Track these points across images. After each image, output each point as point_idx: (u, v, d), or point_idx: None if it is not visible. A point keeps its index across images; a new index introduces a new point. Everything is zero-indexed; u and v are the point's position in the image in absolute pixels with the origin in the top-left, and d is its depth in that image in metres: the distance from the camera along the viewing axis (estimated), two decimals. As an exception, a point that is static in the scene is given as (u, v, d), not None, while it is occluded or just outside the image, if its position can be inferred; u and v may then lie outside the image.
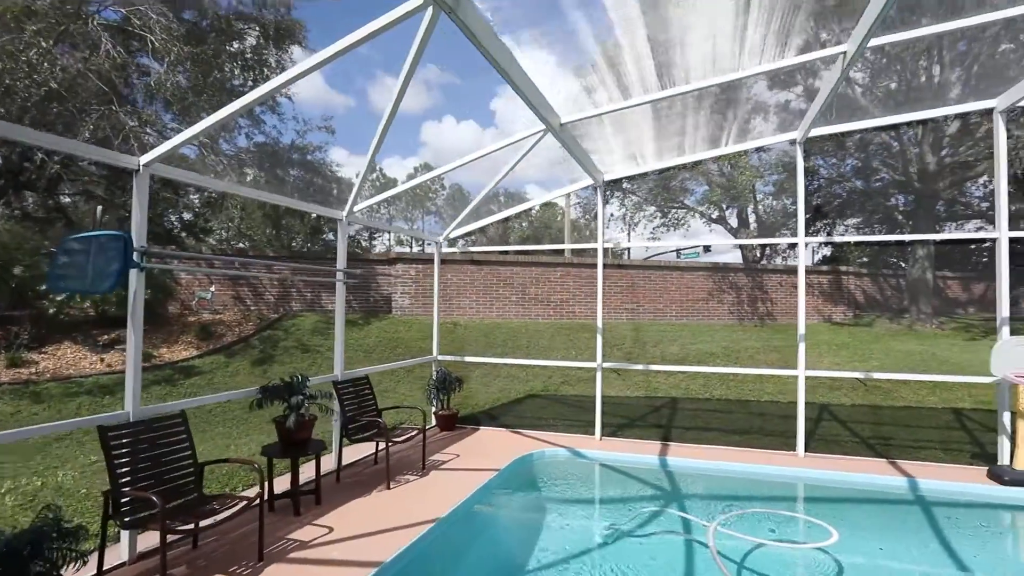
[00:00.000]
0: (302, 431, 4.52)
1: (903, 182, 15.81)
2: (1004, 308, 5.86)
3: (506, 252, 15.01)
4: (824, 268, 17.20)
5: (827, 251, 22.27)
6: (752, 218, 20.71)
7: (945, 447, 6.81)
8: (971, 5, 4.65)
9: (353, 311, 13.34)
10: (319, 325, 12.25)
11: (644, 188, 20.85)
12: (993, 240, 6.05)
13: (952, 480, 5.47)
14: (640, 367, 10.37)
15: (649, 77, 4.86)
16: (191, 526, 3.31)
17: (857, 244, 19.63)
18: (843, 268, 17.06)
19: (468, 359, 8.57)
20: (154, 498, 3.12)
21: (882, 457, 6.25)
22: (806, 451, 6.37)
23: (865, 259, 19.69)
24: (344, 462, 5.71)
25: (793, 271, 16.71)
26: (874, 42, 4.33)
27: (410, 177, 43.68)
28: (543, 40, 4.41)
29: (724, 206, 19.52)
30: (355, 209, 5.69)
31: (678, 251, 28.03)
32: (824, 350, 12.53)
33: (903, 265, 20.12)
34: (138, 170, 3.77)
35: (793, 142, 6.53)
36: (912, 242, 15.66)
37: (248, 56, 14.17)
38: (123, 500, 3.30)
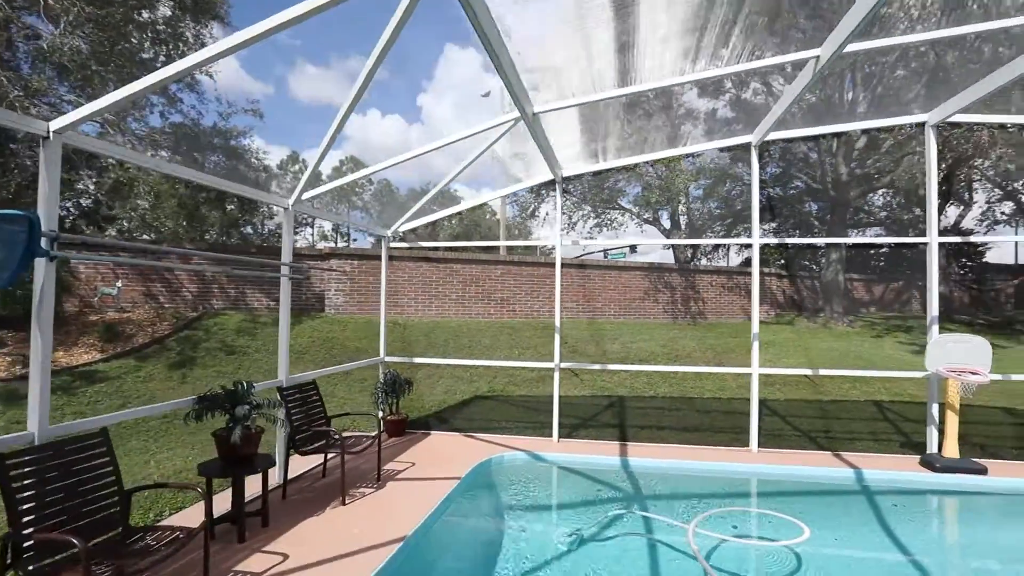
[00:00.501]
0: (249, 445, 3.98)
1: (819, 190, 16.96)
2: (934, 308, 6.25)
3: (456, 248, 14.58)
4: (748, 269, 18.12)
5: (747, 253, 23.53)
6: (683, 220, 21.47)
7: (875, 438, 7.23)
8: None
9: (282, 309, 12.40)
10: (245, 325, 11.25)
11: (579, 188, 21.08)
12: (916, 244, 6.42)
13: (891, 469, 5.75)
14: (598, 367, 10.35)
15: (608, 74, 4.72)
16: (118, 568, 2.74)
17: (776, 247, 20.87)
18: (766, 270, 18.07)
19: (419, 360, 8.12)
20: (74, 540, 2.53)
21: (827, 450, 6.50)
22: (759, 447, 6.51)
23: (782, 261, 20.97)
24: (288, 476, 5.15)
25: (721, 272, 17.48)
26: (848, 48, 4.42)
27: (336, 171, 41.82)
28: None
29: (657, 208, 20.08)
30: (304, 197, 5.13)
31: (605, 251, 28.69)
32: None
33: (814, 268, 21.67)
34: (47, 137, 3.11)
35: (748, 145, 6.66)
36: (826, 247, 16.83)
37: (161, 28, 12.79)
38: (27, 544, 2.67)
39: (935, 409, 6.13)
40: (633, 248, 28.04)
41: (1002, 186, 20.22)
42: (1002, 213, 21.39)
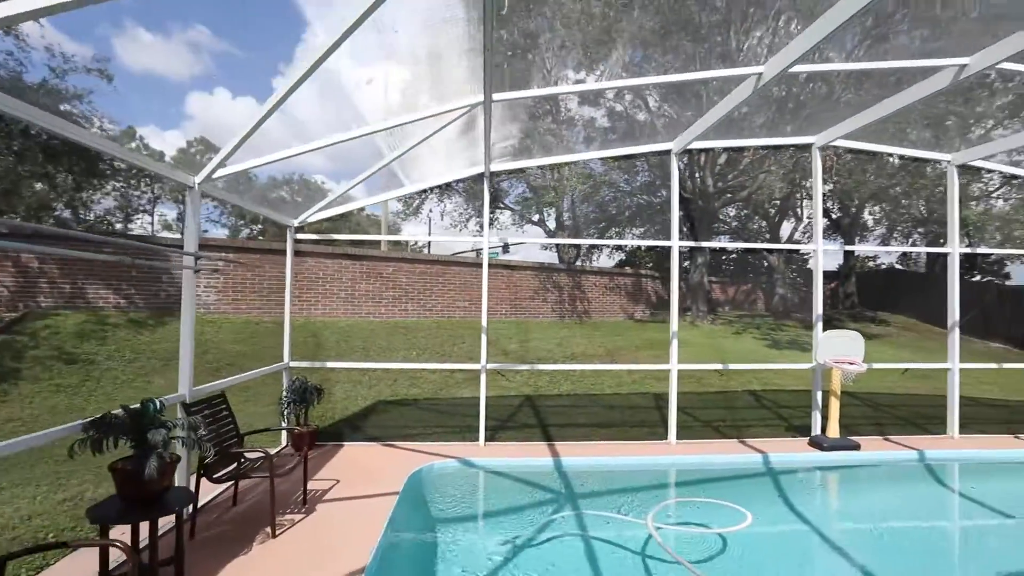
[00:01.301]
0: (165, 479, 3.19)
1: (688, 199, 18.62)
2: (819, 307, 7.09)
3: (361, 241, 13.53)
4: (628, 271, 19.34)
5: (622, 255, 25.17)
6: (568, 221, 22.28)
7: (764, 423, 8.02)
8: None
9: (136, 308, 10.54)
10: (88, 327, 9.33)
11: (460, 186, 20.90)
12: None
13: (788, 452, 6.39)
14: (525, 367, 10.21)
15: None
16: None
17: (647, 250, 22.53)
18: (642, 271, 19.42)
19: (331, 365, 7.32)
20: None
21: (732, 438, 7.04)
22: (677, 439, 6.84)
23: (650, 264, 22.71)
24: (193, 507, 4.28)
25: (603, 273, 18.41)
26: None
27: (182, 152, 36.88)
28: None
29: (544, 208, 20.61)
30: (217, 176, 4.30)
31: (477, 251, 28.95)
32: (641, 344, 13.98)
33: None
34: None
35: (669, 152, 6.98)
36: (692, 251, 18.55)
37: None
38: None
39: (819, 396, 6.94)
40: (505, 248, 28.63)
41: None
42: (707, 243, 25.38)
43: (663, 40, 12.78)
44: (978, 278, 20.52)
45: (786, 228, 21.39)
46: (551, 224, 21.60)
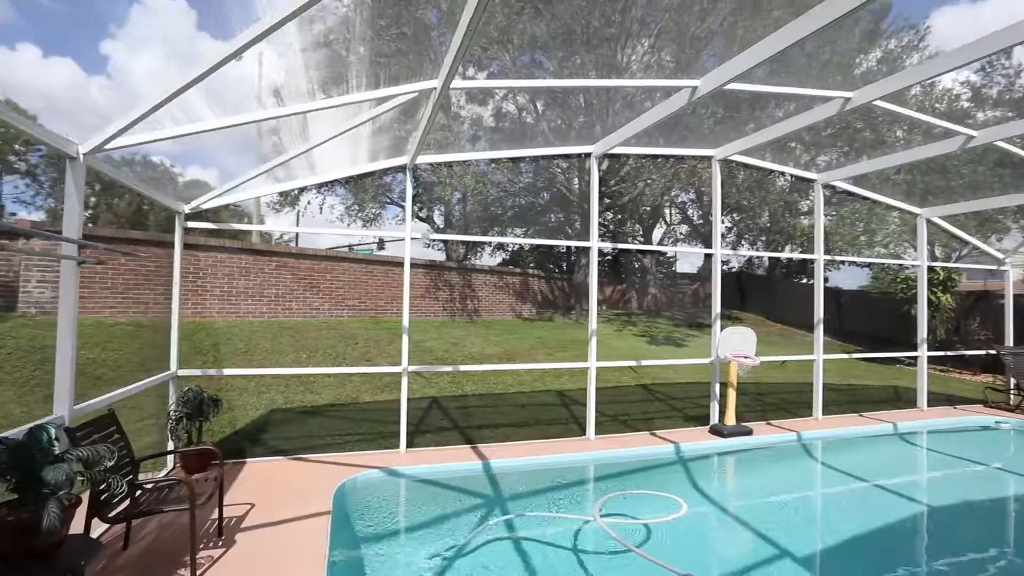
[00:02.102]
0: (64, 528, 2.53)
1: (574, 202, 19.44)
2: (717, 306, 7.72)
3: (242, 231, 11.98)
4: (517, 270, 19.64)
5: (505, 255, 25.52)
6: (458, 219, 22.04)
7: (663, 416, 8.58)
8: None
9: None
10: None
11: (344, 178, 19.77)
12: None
13: (694, 440, 6.88)
14: (449, 368, 9.77)
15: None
16: None
17: (531, 250, 23.09)
18: (531, 270, 19.84)
19: (233, 372, 6.37)
20: None
21: (643, 431, 7.42)
22: (595, 435, 7.03)
23: (532, 264, 23.33)
24: (72, 558, 3.47)
25: (493, 272, 18.50)
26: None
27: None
28: None
29: (431, 205, 20.19)
30: (110, 145, 3.52)
31: (350, 246, 27.72)
32: (535, 343, 14.25)
33: (557, 270, 24.71)
34: None
35: (588, 155, 7.14)
36: (578, 252, 19.37)
37: None
38: None
39: (717, 388, 7.57)
40: (381, 245, 27.69)
41: (683, 211, 26.36)
42: (680, 233, 27.88)
43: (565, 46, 13.17)
44: (805, 281, 24.01)
45: (657, 233, 23.27)
46: (439, 222, 21.26)
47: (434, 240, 20.45)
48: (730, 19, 14.07)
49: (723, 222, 25.68)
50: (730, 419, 7.23)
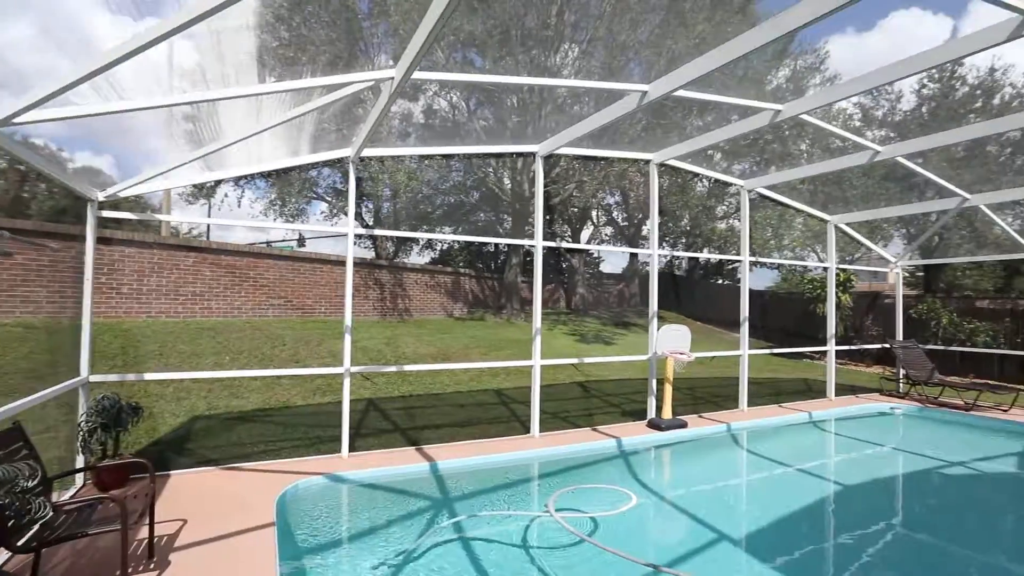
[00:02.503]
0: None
1: (506, 201, 19.51)
2: (654, 305, 8.01)
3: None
4: (449, 269, 19.43)
5: (434, 254, 25.17)
6: (388, 216, 21.46)
7: (602, 412, 8.81)
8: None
9: None
10: None
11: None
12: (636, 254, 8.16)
13: (634, 435, 7.11)
14: (394, 368, 9.37)
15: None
16: None
17: (460, 250, 22.93)
18: (462, 269, 19.70)
19: (154, 376, 5.76)
20: None
21: (585, 427, 7.56)
22: (540, 432, 7.08)
23: (462, 263, 23.20)
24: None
25: (424, 271, 18.22)
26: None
27: None
28: None
29: (360, 201, 19.54)
30: (22, 120, 3.10)
31: (268, 243, 26.38)
32: (469, 342, 14.16)
33: (487, 269, 24.72)
34: None
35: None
36: (508, 251, 19.46)
37: None
38: None
39: (654, 384, 7.87)
40: (301, 242, 26.56)
41: (608, 213, 27.23)
42: (606, 235, 28.78)
43: (501, 45, 13.19)
44: (721, 282, 25.59)
45: (584, 234, 23.89)
46: (368, 219, 20.62)
47: (379, 236, 19.82)
48: (658, 31, 14.71)
49: (646, 224, 26.82)
50: (667, 413, 7.54)
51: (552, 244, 6.92)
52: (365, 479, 5.46)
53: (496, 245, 27.31)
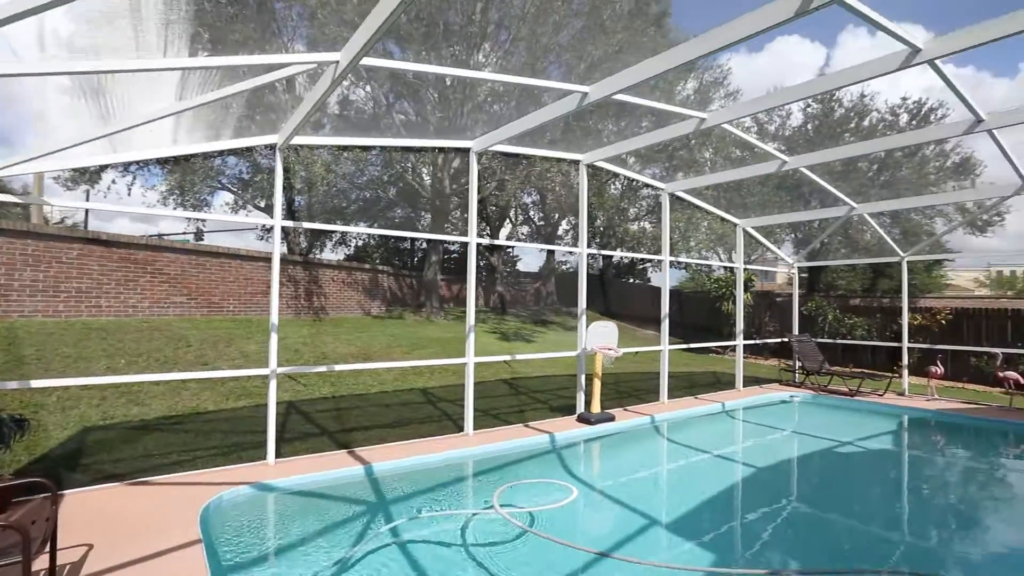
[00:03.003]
0: None
1: (425, 197, 19.17)
2: (582, 302, 8.22)
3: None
4: (366, 266, 18.79)
5: (348, 250, 24.25)
6: (301, 209, 20.32)
7: (531, 408, 8.91)
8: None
9: None
10: None
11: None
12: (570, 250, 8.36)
13: (566, 429, 7.27)
14: (324, 368, 8.76)
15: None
16: None
17: (376, 246, 22.27)
18: (379, 267, 19.12)
19: (40, 383, 4.98)
20: None
21: (517, 423, 7.61)
22: (474, 430, 7.03)
23: (378, 259, 22.57)
24: None
25: (341, 267, 17.51)
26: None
27: None
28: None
29: (270, 192, 18.39)
30: None
31: (160, 235, 24.29)
32: (390, 341, 13.79)
33: (404, 267, 24.20)
34: None
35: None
36: (427, 248, 19.16)
37: None
38: None
39: (583, 379, 8.07)
40: (199, 235, 24.68)
41: (525, 212, 27.63)
42: (522, 233, 29.20)
43: (425, 39, 12.94)
44: (632, 281, 26.81)
45: (503, 233, 24.04)
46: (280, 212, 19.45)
47: (294, 229, 18.64)
48: (579, 36, 15.13)
49: (563, 224, 27.54)
50: (596, 407, 7.77)
51: (486, 240, 6.84)
52: (296, 486, 5.15)
53: (413, 242, 26.83)
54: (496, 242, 12.58)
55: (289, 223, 6.23)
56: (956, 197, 13.43)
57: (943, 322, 13.73)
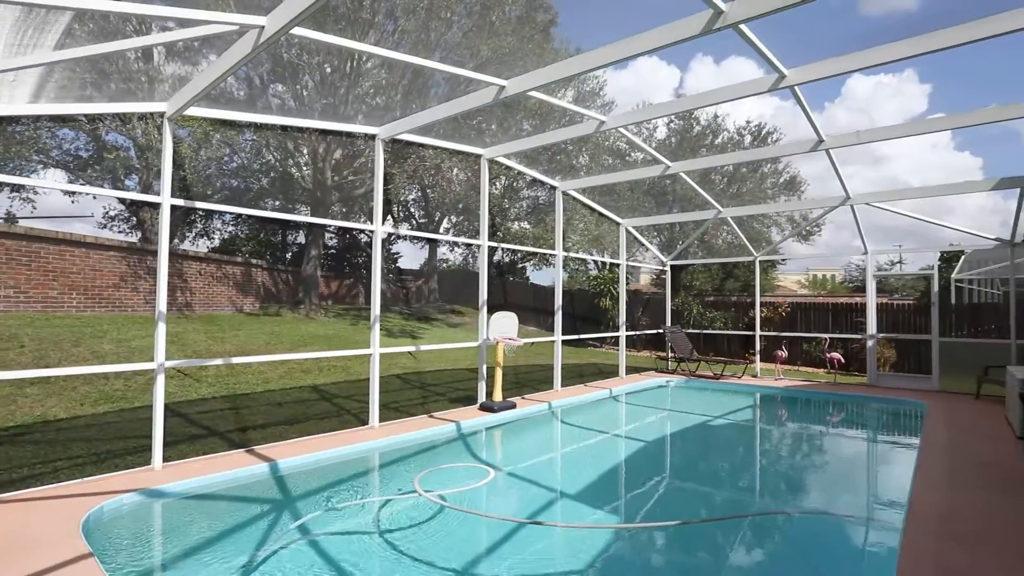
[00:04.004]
0: None
1: (307, 189, 18.11)
2: (483, 293, 8.41)
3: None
4: (239, 259, 17.28)
5: (215, 243, 22.11)
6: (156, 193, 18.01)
7: (431, 400, 8.91)
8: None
9: None
10: None
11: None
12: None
13: (471, 418, 7.41)
14: (219, 362, 7.76)
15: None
16: None
17: (248, 238, 20.60)
18: (252, 261, 17.69)
19: None
20: None
21: (421, 415, 7.58)
22: (379, 423, 6.88)
23: (248, 252, 20.93)
24: None
25: (210, 260, 16.01)
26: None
27: None
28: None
29: (126, 172, 16.17)
30: None
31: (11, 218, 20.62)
32: (269, 339, 12.89)
33: (280, 262, 22.67)
34: None
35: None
36: (307, 243, 18.12)
37: None
38: None
39: (484, 369, 8.26)
40: (12, 219, 21.17)
41: (405, 208, 27.26)
42: (404, 230, 28.76)
43: (313, 20, 12.26)
44: (512, 279, 27.61)
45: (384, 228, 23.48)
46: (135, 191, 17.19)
47: (187, 210, 16.43)
48: (470, 35, 15.32)
49: (444, 223, 27.55)
50: (498, 396, 8.00)
51: (393, 231, 6.66)
52: (192, 489, 4.71)
53: (286, 236, 25.18)
54: (409, 232, 12.33)
55: (180, 202, 5.61)
56: (801, 206, 15.97)
57: (783, 314, 16.03)
